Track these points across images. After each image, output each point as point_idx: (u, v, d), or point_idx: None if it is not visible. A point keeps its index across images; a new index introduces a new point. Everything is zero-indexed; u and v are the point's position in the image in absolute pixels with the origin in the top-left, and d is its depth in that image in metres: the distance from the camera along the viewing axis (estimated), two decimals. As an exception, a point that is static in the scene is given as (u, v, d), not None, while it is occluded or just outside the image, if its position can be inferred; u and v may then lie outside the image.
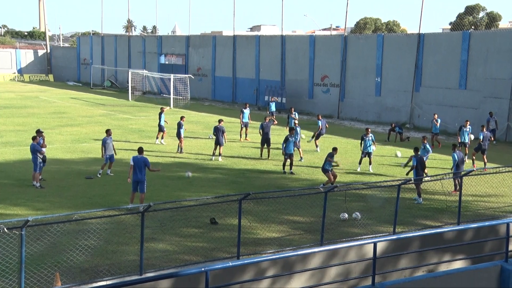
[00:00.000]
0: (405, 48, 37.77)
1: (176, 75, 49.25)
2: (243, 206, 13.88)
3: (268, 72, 47.12)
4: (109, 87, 63.02)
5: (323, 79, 42.96)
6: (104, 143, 21.38)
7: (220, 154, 24.96)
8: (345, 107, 41.46)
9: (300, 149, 24.90)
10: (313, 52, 43.44)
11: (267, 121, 25.81)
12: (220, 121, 25.52)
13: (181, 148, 26.13)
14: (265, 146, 25.42)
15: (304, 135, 29.08)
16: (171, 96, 46.49)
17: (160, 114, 28.39)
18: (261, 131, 25.57)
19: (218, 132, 24.67)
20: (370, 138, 23.48)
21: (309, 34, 52.29)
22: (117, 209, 15.69)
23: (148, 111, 42.38)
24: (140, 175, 17.06)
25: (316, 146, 27.47)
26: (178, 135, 26.23)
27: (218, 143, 24.72)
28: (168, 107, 32.28)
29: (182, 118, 26.88)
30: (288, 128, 29.52)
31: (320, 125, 27.52)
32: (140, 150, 17.69)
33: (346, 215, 16.84)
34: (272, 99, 37.92)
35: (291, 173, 22.51)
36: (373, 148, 23.71)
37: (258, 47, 47.99)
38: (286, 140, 22.66)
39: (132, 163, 17.24)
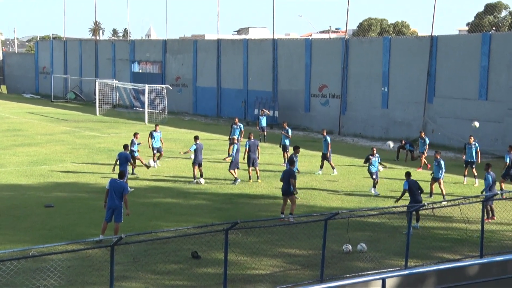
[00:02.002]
0: (415, 52, 38.05)
1: (152, 85, 49.26)
2: (230, 237, 13.82)
3: (258, 81, 47.27)
4: (72, 100, 62.90)
5: (321, 89, 43.14)
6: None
7: (201, 175, 24.98)
8: (347, 121, 41.61)
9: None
10: (309, 58, 43.67)
11: (252, 138, 25.81)
12: (197, 137, 25.52)
13: (132, 169, 25.89)
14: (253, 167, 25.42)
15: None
16: (146, 110, 46.46)
17: (151, 133, 28.15)
18: (246, 149, 25.57)
19: (198, 150, 24.79)
20: (377, 159, 23.91)
21: (305, 38, 52.60)
22: (82, 242, 15.57)
23: (118, 128, 42.31)
24: (117, 202, 17.06)
25: (321, 167, 27.47)
26: (131, 153, 26.02)
27: (197, 162, 24.79)
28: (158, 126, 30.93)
29: (135, 135, 26.69)
30: (281, 146, 29.68)
31: (330, 142, 27.42)
32: (121, 175, 17.78)
33: (350, 247, 16.80)
34: (262, 112, 37.93)
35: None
36: (380, 169, 24.13)
37: (246, 52, 48.20)
38: (291, 160, 22.69)
39: (107, 187, 17.26)
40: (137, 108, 53.48)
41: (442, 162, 22.75)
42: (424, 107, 37.39)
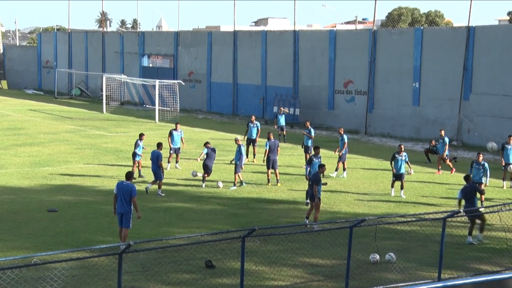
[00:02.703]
0: (450, 45, 37.85)
1: (163, 81, 49.42)
2: (247, 245, 13.82)
3: (277, 77, 47.25)
4: (78, 96, 63.30)
5: (346, 85, 43.05)
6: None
7: (206, 177, 25.09)
8: (374, 120, 41.47)
9: (239, 174, 25.09)
10: (333, 52, 43.59)
11: (272, 138, 25.82)
12: (207, 143, 25.53)
13: (139, 172, 26.22)
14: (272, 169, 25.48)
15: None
16: (156, 107, 46.61)
17: (171, 132, 28.33)
18: (266, 149, 25.64)
19: (209, 156, 24.90)
20: (404, 158, 23.83)
21: (329, 29, 52.56)
22: (87, 250, 15.63)
23: (127, 126, 42.47)
24: (125, 206, 17.20)
25: (344, 169, 27.46)
26: (134, 155, 26.12)
27: (210, 168, 24.96)
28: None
29: (141, 136, 26.64)
30: (303, 147, 29.63)
31: (346, 141, 27.43)
32: (128, 176, 17.86)
33: (378, 257, 16.75)
34: (281, 110, 37.79)
35: (307, 204, 22.45)
36: (409, 172, 24.17)
37: (264, 45, 48.21)
38: (310, 161, 22.69)
39: (115, 191, 17.42)
40: (147, 105, 53.66)
41: (486, 165, 22.59)
42: (459, 104, 37.15)
